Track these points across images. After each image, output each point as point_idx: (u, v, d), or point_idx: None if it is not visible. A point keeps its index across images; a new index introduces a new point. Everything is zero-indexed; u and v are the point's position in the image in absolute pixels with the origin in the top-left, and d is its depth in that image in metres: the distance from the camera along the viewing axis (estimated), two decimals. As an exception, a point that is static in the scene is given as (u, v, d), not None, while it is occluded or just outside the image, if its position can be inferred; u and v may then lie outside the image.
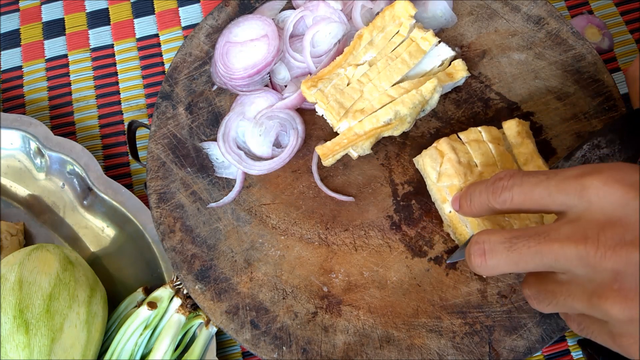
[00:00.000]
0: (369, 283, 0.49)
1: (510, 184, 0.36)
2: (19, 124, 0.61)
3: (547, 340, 0.46)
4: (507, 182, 0.37)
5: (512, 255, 0.35)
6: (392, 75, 0.51)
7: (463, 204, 0.42)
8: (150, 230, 0.57)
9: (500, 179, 0.37)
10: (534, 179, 0.36)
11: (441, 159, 0.48)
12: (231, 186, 0.53)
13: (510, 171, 0.38)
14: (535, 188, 0.35)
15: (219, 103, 0.57)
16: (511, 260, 0.35)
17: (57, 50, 0.70)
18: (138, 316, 0.52)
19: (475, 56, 0.55)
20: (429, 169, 0.49)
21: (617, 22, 0.65)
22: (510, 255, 0.35)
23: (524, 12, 0.56)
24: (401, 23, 0.52)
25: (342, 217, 0.52)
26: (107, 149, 0.65)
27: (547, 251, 0.33)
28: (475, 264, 0.37)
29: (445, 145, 0.49)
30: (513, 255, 0.35)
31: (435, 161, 0.49)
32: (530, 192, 0.35)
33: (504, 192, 0.37)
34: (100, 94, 0.68)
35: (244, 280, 0.50)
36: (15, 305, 0.47)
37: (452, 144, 0.49)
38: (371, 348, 0.48)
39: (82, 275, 0.52)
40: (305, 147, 0.54)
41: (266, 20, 0.57)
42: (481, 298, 0.48)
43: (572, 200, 0.33)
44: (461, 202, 0.42)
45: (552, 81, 0.54)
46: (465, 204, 0.41)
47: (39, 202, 0.62)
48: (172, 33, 0.70)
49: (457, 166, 0.48)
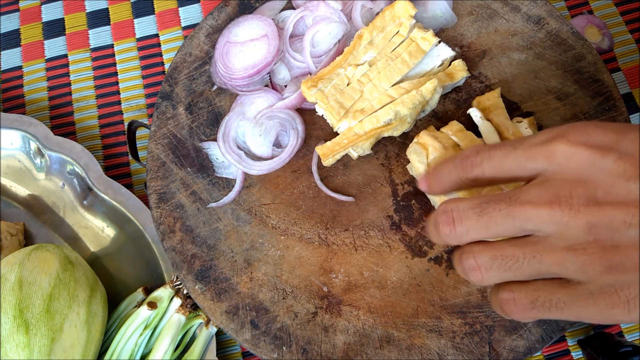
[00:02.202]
0: (369, 283, 0.49)
1: (479, 160, 0.37)
2: (19, 124, 0.61)
3: (547, 340, 0.46)
4: (476, 158, 0.37)
5: (482, 220, 0.35)
6: (392, 75, 0.51)
7: (432, 185, 0.41)
8: (150, 230, 0.57)
9: (467, 156, 0.37)
10: (502, 151, 0.36)
11: (426, 152, 0.48)
12: (231, 186, 0.54)
13: (476, 147, 0.38)
14: (505, 160, 0.35)
15: (219, 103, 0.57)
16: (481, 226, 0.35)
17: (57, 50, 0.70)
18: (138, 316, 0.52)
19: (475, 56, 0.55)
20: (417, 164, 0.48)
21: (617, 22, 0.65)
22: (481, 220, 0.35)
23: (524, 12, 0.56)
24: (401, 23, 0.52)
25: (342, 217, 0.52)
26: (107, 149, 0.65)
27: (518, 213, 0.33)
28: (444, 232, 0.37)
29: (426, 137, 0.48)
30: (483, 219, 0.35)
31: (420, 154, 0.48)
32: (500, 164, 0.36)
33: (474, 169, 0.37)
34: (100, 94, 0.68)
35: (244, 280, 0.50)
36: (15, 305, 0.47)
37: (433, 134, 0.48)
38: (371, 348, 0.48)
39: (82, 275, 0.52)
40: (305, 147, 0.54)
41: (266, 20, 0.57)
42: (481, 298, 0.48)
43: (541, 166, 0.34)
44: (430, 183, 0.41)
45: (552, 81, 0.54)
46: (434, 184, 0.41)
47: (39, 202, 0.62)
48: (172, 33, 0.70)
49: (444, 152, 0.47)
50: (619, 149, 0.32)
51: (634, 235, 0.31)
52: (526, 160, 0.35)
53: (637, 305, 0.32)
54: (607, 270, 0.32)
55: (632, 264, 0.31)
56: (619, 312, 0.32)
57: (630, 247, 0.31)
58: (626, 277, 0.32)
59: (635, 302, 0.32)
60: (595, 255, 0.32)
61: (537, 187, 0.34)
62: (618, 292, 0.32)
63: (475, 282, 0.37)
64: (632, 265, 0.31)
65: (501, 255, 0.35)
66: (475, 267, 0.36)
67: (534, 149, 0.34)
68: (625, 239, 0.31)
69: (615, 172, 0.32)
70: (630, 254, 0.31)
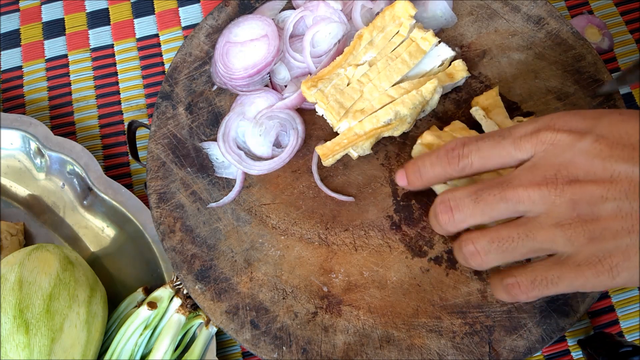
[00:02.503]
0: (369, 283, 0.49)
1: (467, 152, 0.39)
2: (19, 124, 0.61)
3: (547, 340, 0.46)
4: (463, 150, 0.39)
5: (478, 205, 0.38)
6: (392, 75, 0.51)
7: (413, 179, 0.43)
8: (150, 230, 0.57)
9: (453, 148, 0.40)
10: (491, 142, 0.39)
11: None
12: (231, 186, 0.54)
13: (461, 139, 0.40)
14: (494, 150, 0.38)
15: (219, 103, 0.57)
16: (478, 211, 0.38)
17: (57, 50, 0.70)
18: (138, 316, 0.52)
19: (475, 56, 0.55)
20: None
21: (617, 22, 0.65)
22: (477, 205, 0.38)
23: (524, 12, 0.56)
24: (401, 23, 0.52)
25: (342, 217, 0.52)
26: (107, 149, 0.65)
27: (511, 196, 0.37)
28: (443, 221, 0.39)
29: (430, 137, 0.48)
30: (480, 205, 0.38)
31: None
32: (489, 154, 0.39)
33: (462, 160, 0.39)
34: (100, 94, 0.68)
35: (244, 280, 0.50)
36: (15, 305, 0.47)
37: (436, 134, 0.49)
38: (371, 348, 0.48)
39: (82, 275, 0.52)
40: (305, 147, 0.54)
41: (266, 20, 0.57)
42: (481, 298, 0.48)
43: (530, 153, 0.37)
44: (410, 178, 0.44)
45: (552, 81, 0.54)
46: (414, 178, 0.43)
47: (39, 202, 0.62)
48: (172, 33, 0.70)
49: None
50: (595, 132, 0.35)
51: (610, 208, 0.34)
52: (515, 150, 0.38)
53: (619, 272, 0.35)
54: (590, 241, 0.35)
55: (611, 233, 0.34)
56: (605, 278, 0.35)
57: (609, 219, 0.35)
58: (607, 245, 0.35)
59: (618, 269, 0.35)
60: (579, 229, 0.35)
61: (527, 172, 0.37)
62: (602, 261, 0.35)
63: (476, 267, 0.39)
64: (611, 235, 0.34)
65: (497, 237, 0.38)
66: (475, 252, 0.39)
67: (523, 139, 0.37)
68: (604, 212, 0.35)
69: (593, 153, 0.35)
70: (609, 225, 0.35)
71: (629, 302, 0.55)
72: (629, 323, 0.55)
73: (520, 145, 0.37)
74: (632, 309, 0.55)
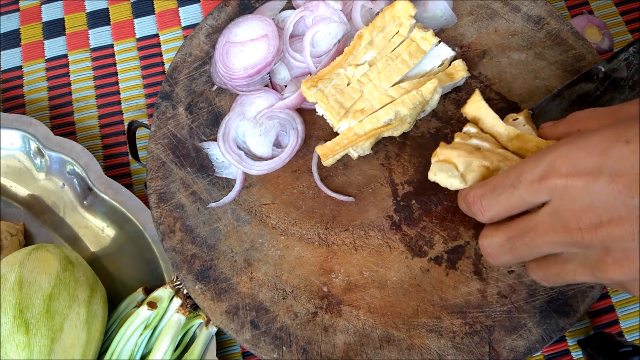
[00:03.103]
0: (369, 283, 0.49)
1: (486, 206, 0.41)
2: (19, 124, 0.61)
3: (547, 340, 0.46)
4: (481, 205, 0.41)
5: (515, 254, 0.40)
6: (392, 75, 0.51)
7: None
8: (150, 230, 0.57)
9: (472, 203, 0.41)
10: (504, 194, 0.39)
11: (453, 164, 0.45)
12: (231, 186, 0.53)
13: (477, 193, 0.41)
14: (510, 200, 0.39)
15: (219, 103, 0.57)
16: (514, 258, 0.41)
17: (57, 50, 0.70)
18: (138, 316, 0.52)
19: (475, 56, 0.55)
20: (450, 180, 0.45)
21: (617, 22, 0.65)
22: (514, 254, 0.40)
23: (524, 12, 0.56)
24: (401, 23, 0.52)
25: (342, 217, 0.52)
26: (107, 149, 0.65)
27: (541, 244, 0.38)
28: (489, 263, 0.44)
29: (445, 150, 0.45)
30: (515, 254, 0.40)
31: (448, 170, 0.45)
32: (507, 205, 0.39)
33: (486, 213, 0.41)
34: (100, 94, 0.68)
35: (244, 280, 0.50)
36: (15, 305, 0.47)
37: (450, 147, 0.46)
38: (371, 348, 0.48)
39: (82, 275, 0.52)
40: (305, 147, 0.54)
41: (266, 20, 0.57)
42: (481, 298, 0.48)
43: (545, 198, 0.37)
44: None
45: (552, 81, 0.54)
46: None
47: (39, 202, 0.62)
48: (172, 33, 0.70)
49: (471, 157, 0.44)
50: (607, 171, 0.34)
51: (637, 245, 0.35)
52: (530, 197, 0.38)
53: None
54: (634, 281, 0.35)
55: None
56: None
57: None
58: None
59: None
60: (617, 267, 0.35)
61: (550, 218, 0.37)
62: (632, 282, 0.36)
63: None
64: None
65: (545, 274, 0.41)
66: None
67: (534, 186, 0.37)
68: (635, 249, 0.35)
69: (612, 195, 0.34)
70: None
71: (629, 302, 0.55)
72: (629, 323, 0.55)
73: (534, 193, 0.38)
74: (632, 309, 0.55)
